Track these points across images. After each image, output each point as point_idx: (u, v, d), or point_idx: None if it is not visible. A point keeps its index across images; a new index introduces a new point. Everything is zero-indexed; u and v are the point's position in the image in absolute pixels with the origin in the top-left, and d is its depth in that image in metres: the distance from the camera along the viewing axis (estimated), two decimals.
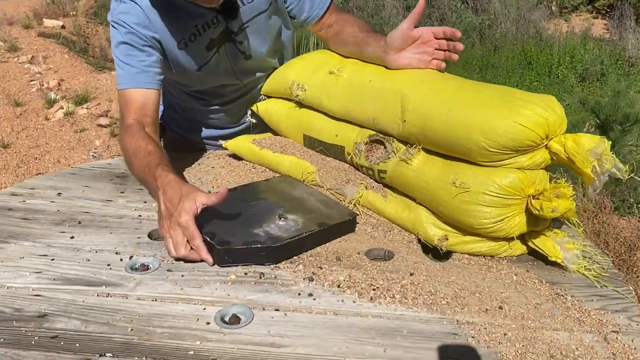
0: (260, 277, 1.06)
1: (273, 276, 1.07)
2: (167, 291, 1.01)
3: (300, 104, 1.49)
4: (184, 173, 1.51)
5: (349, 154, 1.35)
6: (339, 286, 1.03)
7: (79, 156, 4.00)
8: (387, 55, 1.26)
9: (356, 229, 1.23)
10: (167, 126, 1.72)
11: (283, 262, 1.11)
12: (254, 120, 1.62)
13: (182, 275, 1.06)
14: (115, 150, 4.05)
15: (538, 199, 1.04)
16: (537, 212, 1.02)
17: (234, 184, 1.43)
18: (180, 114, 1.71)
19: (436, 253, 1.14)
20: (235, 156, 1.59)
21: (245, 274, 1.07)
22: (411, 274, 1.07)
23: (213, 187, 1.41)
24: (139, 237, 1.19)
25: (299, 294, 1.01)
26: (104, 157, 3.97)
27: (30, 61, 6.22)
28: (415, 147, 1.19)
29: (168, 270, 1.08)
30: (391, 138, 1.25)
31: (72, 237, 1.18)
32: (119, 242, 1.17)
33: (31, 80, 5.61)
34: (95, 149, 4.18)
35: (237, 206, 1.22)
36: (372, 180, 1.32)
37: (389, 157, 1.24)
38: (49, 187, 1.40)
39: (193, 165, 1.56)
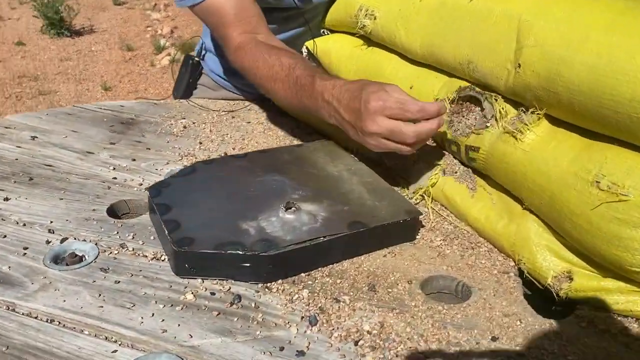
0: (233, 304, 0.64)
1: (254, 304, 0.64)
2: (77, 307, 0.62)
3: (369, 41, 1.02)
4: (210, 123, 1.11)
5: None
6: (356, 343, 0.58)
7: None
8: None
9: (416, 237, 0.76)
10: (206, 65, 1.33)
11: (279, 281, 0.67)
12: (313, 64, 1.18)
13: (117, 282, 0.67)
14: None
15: None
16: None
17: (264, 146, 1.01)
18: (221, 51, 1.31)
19: (547, 301, 0.65)
20: (281, 111, 1.17)
21: (212, 294, 0.65)
22: (494, 338, 0.59)
23: (233, 149, 1.01)
24: (94, 210, 0.81)
25: (282, 349, 0.58)
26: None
27: (152, 8, 6.23)
28: (532, 113, 0.69)
29: (102, 270, 0.69)
30: (493, 94, 0.75)
31: (6, 200, 0.83)
32: (62, 215, 0.80)
33: (148, 27, 5.57)
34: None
35: (234, 182, 0.80)
36: (455, 161, 0.83)
37: (487, 126, 0.74)
38: (27, 128, 1.07)
39: (224, 117, 1.16)
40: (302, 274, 0.69)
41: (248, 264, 0.66)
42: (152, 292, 0.65)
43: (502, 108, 0.73)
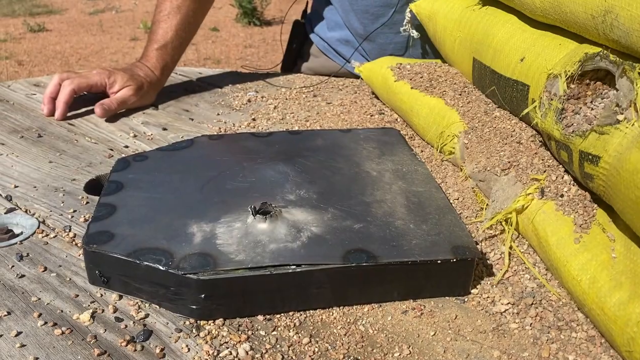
0: (132, 342, 0.42)
1: (160, 349, 0.41)
2: None
3: None
4: (280, 99, 0.90)
5: (533, 100, 0.56)
6: None
7: None
8: None
9: (468, 291, 0.47)
10: (309, 28, 1.13)
11: (218, 321, 0.44)
12: (415, 33, 0.90)
13: (20, 276, 0.49)
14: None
15: None
16: None
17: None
18: (323, 8, 1.10)
19: None
20: (373, 94, 0.92)
21: (119, 320, 0.44)
22: None
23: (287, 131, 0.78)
24: (73, 180, 0.65)
25: None
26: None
27: None
28: None
29: (18, 255, 0.51)
30: (638, 66, 0.42)
31: None
32: (35, 180, 0.65)
33: None
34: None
35: (222, 167, 0.57)
36: (566, 176, 0.51)
37: (617, 121, 0.42)
38: None
39: (303, 94, 0.94)
40: (260, 316, 0.44)
41: (171, 287, 0.43)
42: (48, 299, 0.46)
43: None
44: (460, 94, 0.71)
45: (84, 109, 0.85)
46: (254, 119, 0.84)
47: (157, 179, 0.55)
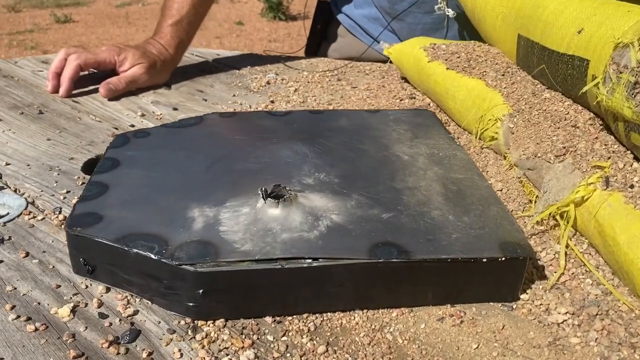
0: (114, 344, 0.35)
1: (147, 354, 0.34)
2: None
3: None
4: (302, 82, 0.83)
5: (594, 77, 0.48)
6: None
7: None
8: None
9: (518, 297, 0.39)
10: (335, 8, 1.06)
11: (218, 322, 0.37)
12: (450, 12, 0.83)
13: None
14: None
15: None
16: None
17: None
18: None
19: None
20: (403, 78, 0.84)
21: (103, 316, 0.38)
22: None
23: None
24: (71, 159, 0.59)
25: None
26: None
27: None
28: None
29: (0, 241, 0.45)
30: None
31: None
32: (29, 158, 0.59)
33: None
34: None
35: (231, 147, 0.51)
36: (636, 164, 0.43)
37: None
38: None
39: (327, 77, 0.87)
40: (268, 318, 0.37)
41: (164, 280, 0.36)
42: (25, 289, 0.40)
43: None
44: (503, 75, 0.63)
45: (92, 87, 0.80)
46: (272, 102, 0.77)
47: (159, 157, 0.48)
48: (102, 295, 0.39)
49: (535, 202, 0.47)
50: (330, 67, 0.93)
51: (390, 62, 0.85)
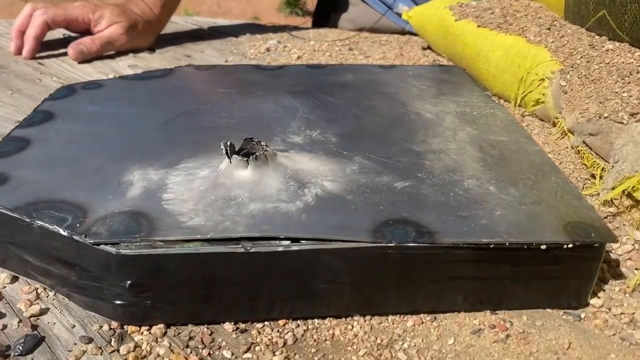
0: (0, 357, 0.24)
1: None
2: None
3: None
4: (307, 51, 0.72)
5: None
6: None
7: None
8: None
9: (587, 301, 0.27)
10: None
11: (158, 328, 0.25)
12: None
13: None
14: None
15: None
16: None
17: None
18: None
19: None
20: (423, 46, 0.72)
21: (2, 327, 0.27)
22: None
23: None
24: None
25: None
26: None
27: None
28: None
29: None
30: None
31: None
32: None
33: None
34: None
35: (203, 101, 0.39)
36: None
37: None
38: None
39: (337, 46, 0.76)
40: (228, 325, 0.26)
41: (80, 266, 0.25)
42: None
43: None
44: (548, 29, 0.51)
45: (63, 50, 0.69)
46: None
47: (106, 111, 0.37)
48: (4, 287, 0.29)
49: (602, 176, 0.35)
50: (342, 37, 0.82)
51: (410, 33, 0.74)
